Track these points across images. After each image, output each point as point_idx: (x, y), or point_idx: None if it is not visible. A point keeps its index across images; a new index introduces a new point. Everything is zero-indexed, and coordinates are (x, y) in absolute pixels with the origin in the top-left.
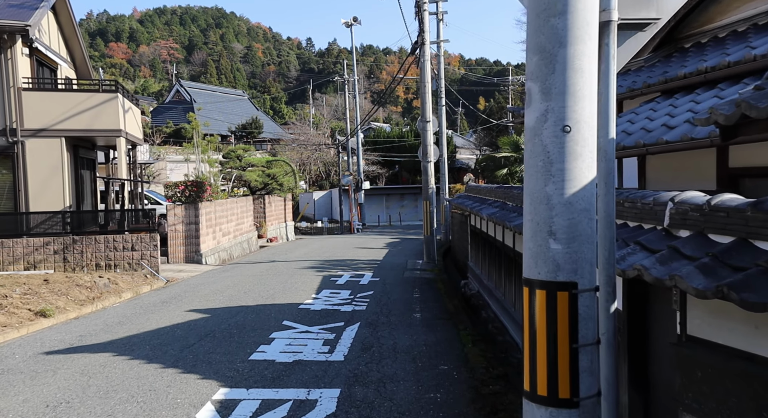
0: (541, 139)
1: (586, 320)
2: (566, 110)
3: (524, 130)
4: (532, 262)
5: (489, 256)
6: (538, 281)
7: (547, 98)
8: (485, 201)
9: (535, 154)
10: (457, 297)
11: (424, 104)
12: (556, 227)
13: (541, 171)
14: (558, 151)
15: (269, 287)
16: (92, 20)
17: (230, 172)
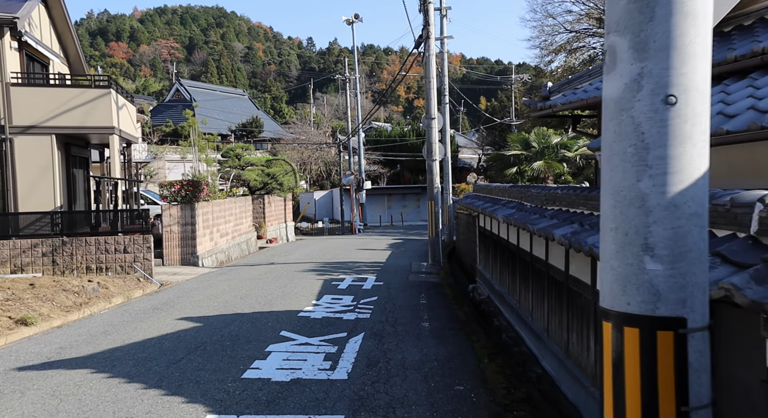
0: (632, 115)
1: (699, 373)
2: (670, 73)
3: (603, 104)
4: (616, 287)
5: (501, 260)
6: (626, 315)
7: (642, 56)
8: (498, 201)
9: (622, 136)
10: (466, 303)
11: (429, 101)
12: (654, 238)
13: (631, 160)
14: (657, 132)
15: (267, 292)
16: (93, 19)
17: (228, 171)
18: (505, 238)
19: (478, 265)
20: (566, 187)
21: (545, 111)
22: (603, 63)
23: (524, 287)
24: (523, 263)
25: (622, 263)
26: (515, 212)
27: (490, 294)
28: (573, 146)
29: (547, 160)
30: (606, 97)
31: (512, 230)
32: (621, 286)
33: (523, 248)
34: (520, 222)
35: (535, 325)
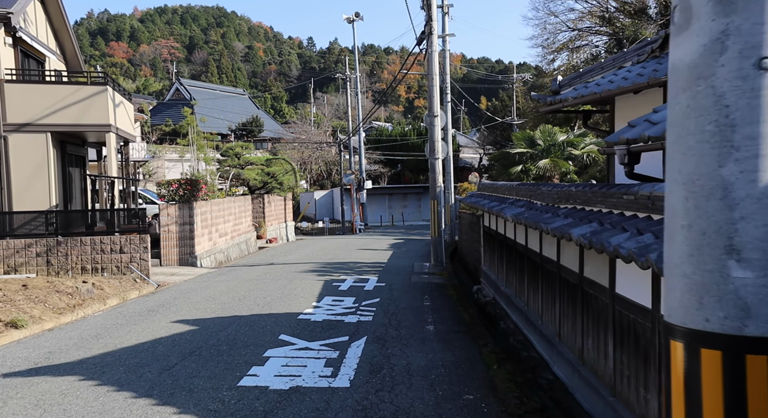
0: (712, 84)
1: None
2: (765, 30)
3: (670, 73)
4: (689, 298)
5: (508, 261)
6: (704, 334)
7: (728, 10)
8: (505, 200)
9: (698, 111)
10: (470, 305)
11: (431, 98)
12: (741, 238)
13: (710, 141)
14: (747, 105)
15: (266, 294)
16: (93, 19)
17: (228, 170)
18: (512, 238)
19: (483, 265)
20: (580, 184)
21: (555, 106)
22: (671, 23)
23: (533, 289)
24: (532, 264)
25: (698, 268)
26: (525, 211)
27: (496, 296)
28: (579, 144)
29: (553, 158)
30: (675, 63)
31: (520, 229)
32: (696, 297)
33: (532, 249)
34: (531, 221)
35: (546, 329)
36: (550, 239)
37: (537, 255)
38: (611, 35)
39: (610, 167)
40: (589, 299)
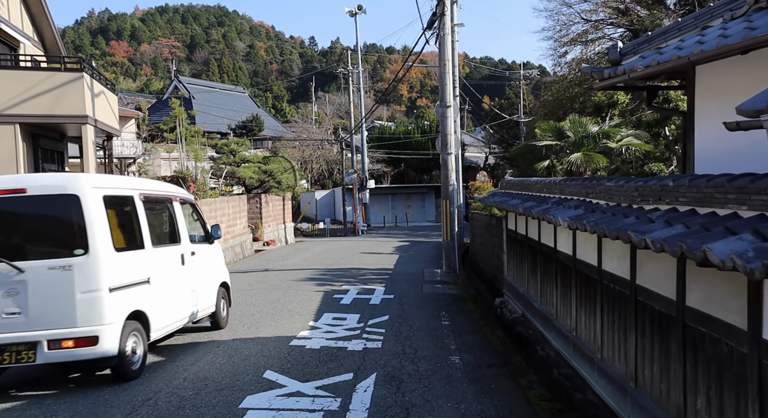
0: None
1: None
2: None
3: None
4: None
5: (545, 273)
6: None
7: None
8: (546, 199)
9: None
10: (494, 322)
11: (444, 86)
12: None
13: None
14: None
15: (255, 309)
16: (93, 18)
17: (221, 168)
18: (551, 245)
19: (506, 275)
20: (682, 176)
21: (615, 79)
22: None
23: (587, 312)
24: (584, 281)
25: None
26: (586, 214)
27: (526, 312)
28: (615, 136)
29: (586, 151)
30: None
31: (564, 236)
32: None
33: (586, 261)
34: (609, 229)
35: (611, 368)
36: (617, 250)
37: (595, 270)
38: (627, 27)
39: (688, 157)
40: (703, 342)
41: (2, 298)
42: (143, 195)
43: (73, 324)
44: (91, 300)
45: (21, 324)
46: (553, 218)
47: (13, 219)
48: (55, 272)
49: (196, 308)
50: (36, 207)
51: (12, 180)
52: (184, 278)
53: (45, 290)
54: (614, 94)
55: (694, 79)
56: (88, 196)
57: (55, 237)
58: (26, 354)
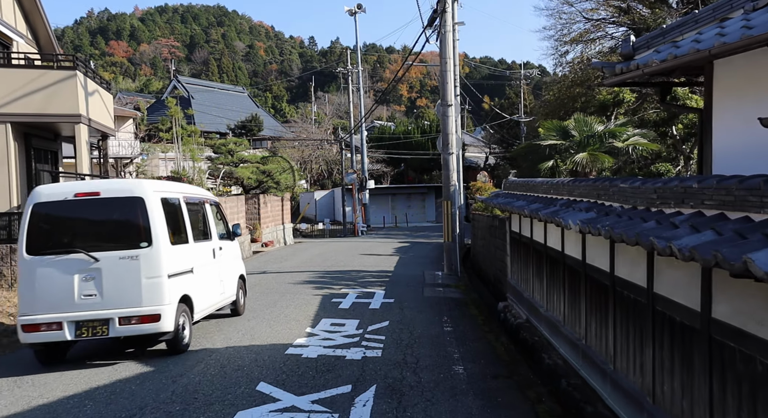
0: None
1: None
2: None
3: None
4: None
5: (551, 277)
6: None
7: None
8: (554, 201)
9: None
10: (498, 327)
11: (445, 84)
12: None
13: None
14: None
15: (251, 314)
16: (93, 18)
17: (218, 168)
18: (559, 249)
19: (510, 278)
20: (708, 177)
21: (628, 74)
22: None
23: (598, 320)
24: (597, 288)
25: None
26: (600, 217)
27: (531, 317)
28: (621, 135)
29: (592, 151)
30: None
31: (572, 240)
32: None
33: (596, 266)
34: (626, 234)
35: (625, 380)
36: (631, 256)
37: (605, 276)
38: (629, 26)
39: (705, 156)
40: (732, 358)
41: (81, 282)
42: (185, 198)
43: (139, 304)
44: (154, 284)
45: (96, 304)
46: (563, 221)
47: (89, 217)
48: (125, 261)
49: (223, 296)
50: (108, 207)
51: (88, 185)
52: (214, 269)
53: (116, 276)
54: (620, 92)
55: (712, 75)
56: (151, 199)
57: (123, 232)
58: (101, 329)
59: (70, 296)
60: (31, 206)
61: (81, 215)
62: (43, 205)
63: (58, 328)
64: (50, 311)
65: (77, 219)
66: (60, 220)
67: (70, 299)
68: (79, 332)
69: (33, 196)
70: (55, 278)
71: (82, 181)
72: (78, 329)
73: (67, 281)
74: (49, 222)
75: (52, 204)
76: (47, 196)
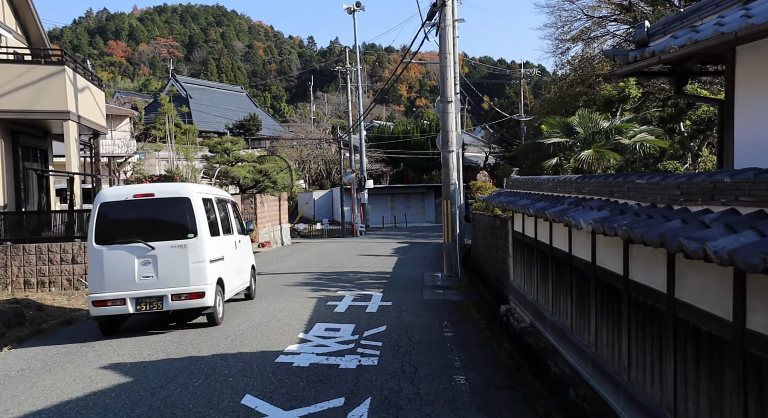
0: None
1: None
2: None
3: None
4: None
5: (557, 280)
6: None
7: None
8: (560, 199)
9: None
10: (501, 332)
11: (445, 80)
12: None
13: None
14: None
15: (242, 319)
16: (92, 18)
17: (213, 167)
18: (565, 250)
19: (512, 280)
20: (742, 171)
21: (645, 61)
22: None
23: (612, 327)
24: (608, 292)
25: None
26: (615, 216)
27: (535, 322)
28: (627, 132)
29: (597, 148)
30: None
31: (580, 240)
32: None
33: (610, 270)
34: (648, 235)
35: (642, 395)
36: (648, 258)
37: (617, 279)
38: (631, 24)
39: (726, 149)
40: None
41: (140, 266)
42: (216, 198)
43: (187, 284)
44: (199, 268)
45: (153, 284)
46: (574, 220)
47: (145, 213)
48: (175, 249)
49: (242, 281)
50: (161, 205)
51: (144, 188)
52: (236, 258)
53: (168, 260)
54: (625, 87)
55: (734, 62)
56: (195, 199)
57: (174, 225)
58: (156, 304)
59: (132, 277)
60: (98, 206)
61: (139, 212)
62: (107, 205)
63: (122, 303)
64: (115, 289)
65: (136, 215)
66: (122, 216)
67: (132, 279)
68: (139, 306)
69: (99, 197)
70: (119, 263)
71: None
72: (138, 304)
73: (129, 265)
74: (113, 218)
75: (115, 203)
76: (111, 197)
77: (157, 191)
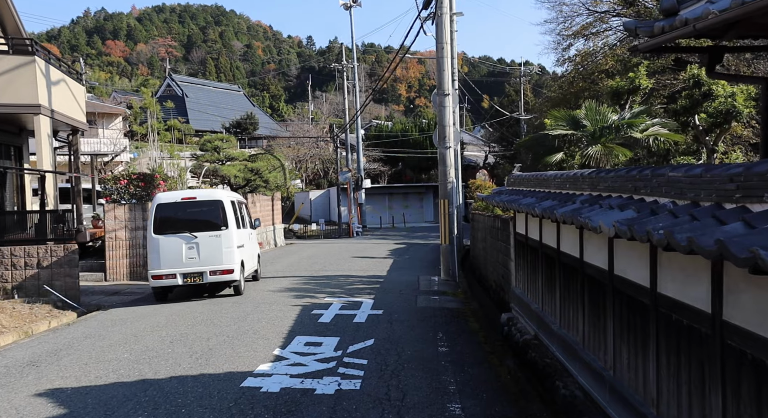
0: None
1: None
2: None
3: None
4: None
5: (568, 290)
6: None
7: None
8: (570, 198)
9: None
10: (502, 344)
11: (441, 72)
12: None
13: None
14: None
15: (215, 330)
16: (90, 18)
17: (201, 165)
18: (576, 256)
19: (514, 287)
20: None
21: (675, 32)
22: None
23: (636, 349)
24: (631, 307)
25: None
26: (649, 218)
27: (541, 334)
28: (638, 125)
29: (607, 143)
30: None
31: (595, 243)
32: None
33: (633, 281)
34: (717, 247)
35: None
36: (684, 269)
37: (642, 292)
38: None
39: None
40: None
41: (187, 250)
42: (237, 201)
43: (221, 263)
44: (229, 252)
45: (196, 263)
46: (591, 222)
47: (190, 212)
48: (212, 238)
49: (253, 265)
50: (201, 206)
51: (189, 193)
52: (250, 247)
53: (207, 246)
54: (635, 78)
55: None
56: (226, 201)
57: (210, 221)
58: (198, 278)
59: (180, 258)
60: (155, 206)
61: (185, 210)
62: (162, 205)
63: (173, 277)
64: (168, 267)
65: (183, 213)
66: (173, 213)
67: (180, 260)
68: (185, 280)
69: (156, 199)
70: (171, 248)
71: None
72: (185, 278)
73: (178, 249)
74: (166, 215)
75: (168, 204)
76: (164, 200)
77: (199, 196)
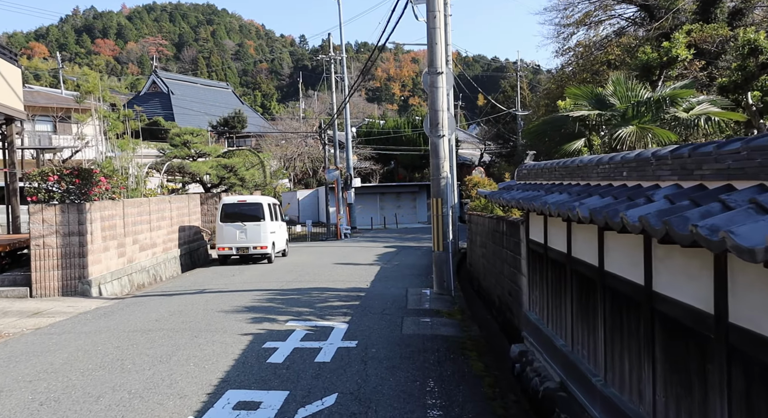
0: None
1: None
2: None
3: None
4: None
5: (621, 329)
6: None
7: None
8: (636, 192)
9: None
10: (511, 386)
11: (433, 46)
12: None
13: None
14: None
15: (119, 381)
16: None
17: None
18: (639, 283)
19: (527, 309)
20: None
21: None
22: None
23: None
24: (757, 369)
25: None
26: None
27: (572, 385)
28: (682, 102)
29: (641, 124)
30: None
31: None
32: None
33: (750, 330)
34: None
35: None
36: None
37: None
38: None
39: None
40: None
41: (239, 233)
42: (272, 203)
43: (260, 242)
44: (266, 235)
45: (244, 241)
46: (733, 238)
47: (243, 210)
48: (255, 226)
49: (281, 246)
50: (249, 205)
51: (241, 197)
52: (279, 233)
53: (252, 231)
54: (671, 48)
55: None
56: (264, 204)
57: (254, 215)
58: (246, 251)
59: (235, 238)
60: (222, 205)
61: (240, 209)
62: (226, 205)
63: (231, 250)
64: (228, 243)
65: (238, 209)
66: (232, 210)
67: (235, 239)
68: (238, 252)
69: (223, 201)
70: (230, 231)
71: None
72: (238, 251)
73: (234, 232)
74: (228, 211)
75: (230, 204)
76: (228, 201)
77: (248, 200)
